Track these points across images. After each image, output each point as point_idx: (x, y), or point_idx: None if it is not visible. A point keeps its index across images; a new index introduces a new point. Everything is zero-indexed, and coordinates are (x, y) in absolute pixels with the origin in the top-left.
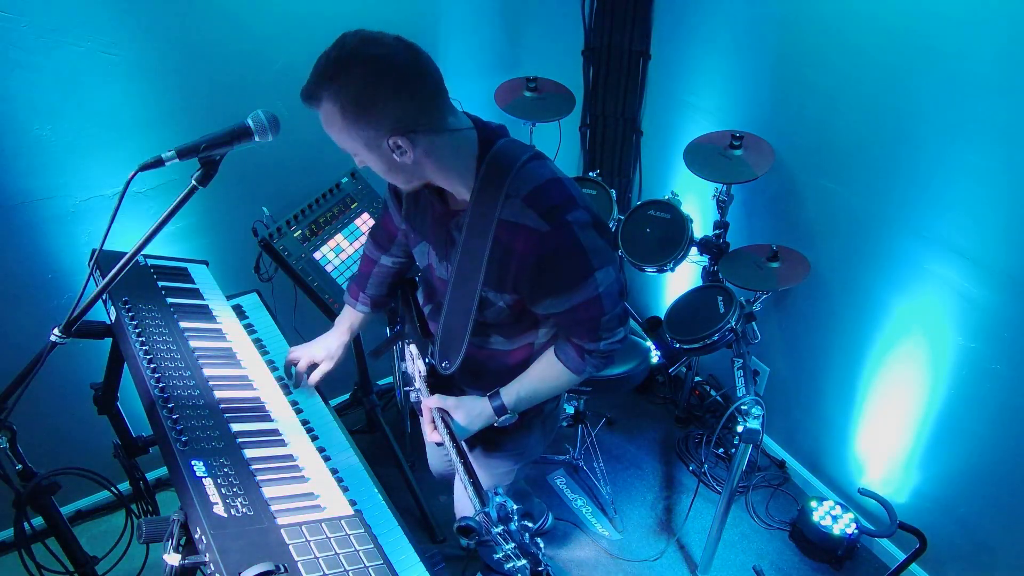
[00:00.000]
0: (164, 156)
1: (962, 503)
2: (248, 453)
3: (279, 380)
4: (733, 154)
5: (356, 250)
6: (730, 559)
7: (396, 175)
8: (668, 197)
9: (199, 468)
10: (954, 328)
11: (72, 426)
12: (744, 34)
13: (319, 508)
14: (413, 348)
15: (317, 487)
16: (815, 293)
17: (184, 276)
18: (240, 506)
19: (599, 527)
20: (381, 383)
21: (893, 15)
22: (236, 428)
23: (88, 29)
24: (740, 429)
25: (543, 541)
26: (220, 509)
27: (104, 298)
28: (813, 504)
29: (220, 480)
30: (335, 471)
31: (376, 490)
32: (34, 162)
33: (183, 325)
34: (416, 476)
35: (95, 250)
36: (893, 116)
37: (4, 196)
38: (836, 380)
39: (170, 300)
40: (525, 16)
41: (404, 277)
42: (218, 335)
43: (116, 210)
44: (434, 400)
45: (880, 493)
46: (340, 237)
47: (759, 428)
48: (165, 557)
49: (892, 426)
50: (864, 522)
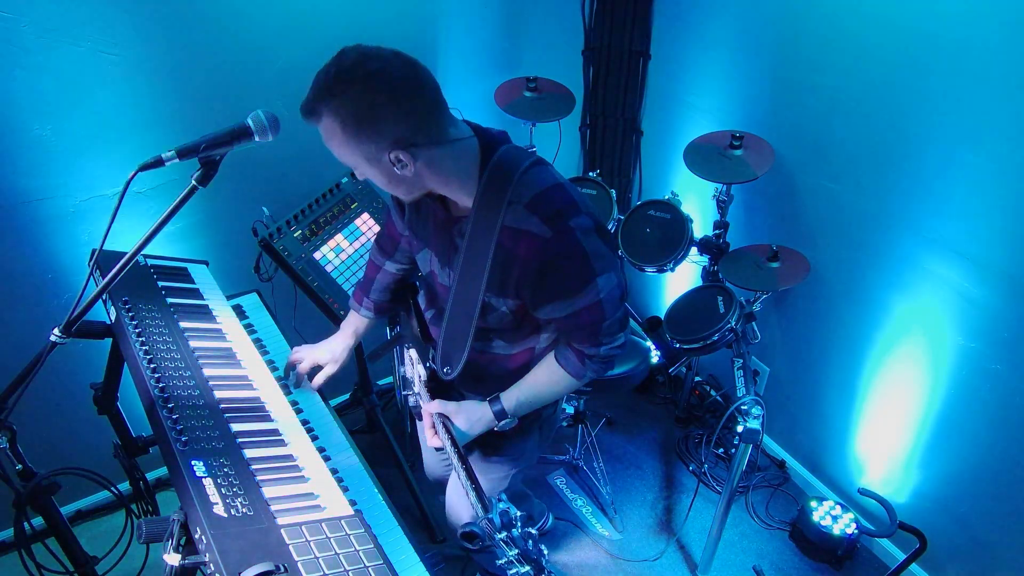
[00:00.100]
0: (164, 156)
1: (962, 503)
2: (248, 453)
3: (279, 380)
4: (733, 154)
5: (356, 250)
6: (730, 559)
7: (397, 187)
8: (668, 197)
9: (199, 468)
10: (954, 328)
11: (72, 426)
12: (744, 34)
13: (319, 508)
14: (413, 352)
15: (317, 487)
16: (815, 293)
17: (184, 276)
18: (240, 506)
19: (599, 527)
20: (381, 383)
21: (893, 15)
22: (236, 428)
23: (88, 29)
24: (740, 429)
25: (546, 546)
26: (220, 509)
27: (104, 298)
28: (813, 504)
29: (220, 480)
30: (335, 471)
31: (376, 490)
32: (34, 162)
33: (183, 325)
34: (416, 476)
35: (95, 250)
36: (893, 116)
37: (4, 196)
38: (836, 380)
39: (170, 300)
40: (525, 16)
41: (408, 283)
42: (218, 335)
43: (116, 210)
44: (435, 405)
45: (880, 493)
46: (340, 237)
47: (759, 428)
48: (165, 557)
49: (892, 426)
50: (864, 522)
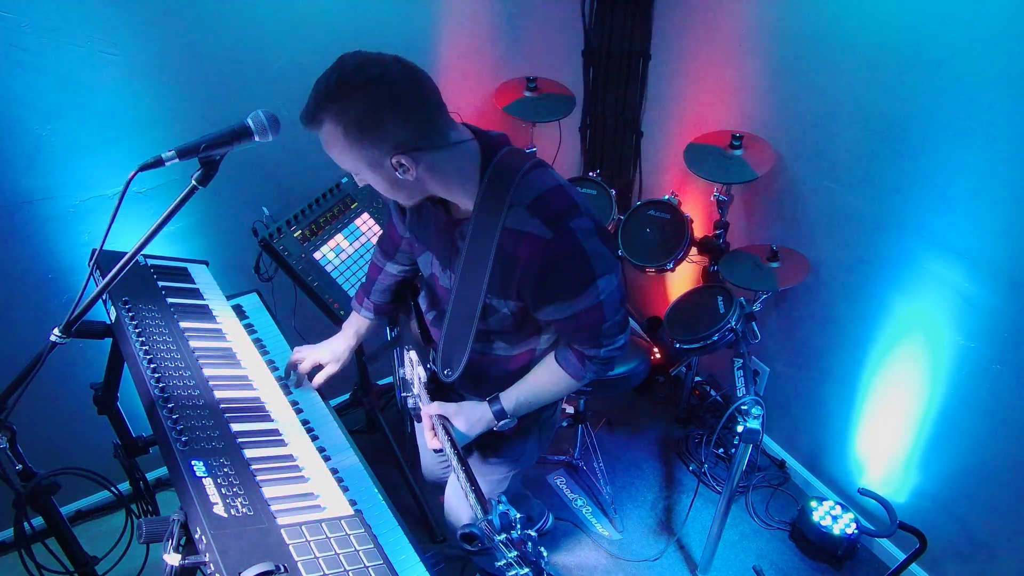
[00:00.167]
0: (164, 156)
1: (962, 503)
2: (248, 453)
3: (279, 380)
4: (733, 154)
5: (356, 250)
6: (730, 559)
7: (399, 192)
8: (668, 197)
9: (199, 468)
10: (954, 328)
11: (72, 426)
12: (744, 34)
13: (319, 508)
14: (412, 354)
15: (317, 487)
16: (815, 293)
17: (184, 276)
18: (240, 506)
19: (599, 527)
20: (381, 383)
21: (893, 15)
22: (236, 428)
23: (88, 29)
24: (740, 429)
25: (545, 548)
26: (220, 509)
27: (104, 298)
28: (813, 504)
29: (220, 480)
30: (335, 471)
31: (376, 490)
32: (34, 162)
33: (183, 325)
34: (416, 476)
35: (95, 250)
36: (893, 116)
37: (4, 196)
38: (836, 380)
39: (170, 300)
40: (525, 16)
41: (409, 285)
42: (218, 335)
43: (116, 210)
44: (434, 407)
45: (880, 493)
46: (340, 237)
47: (759, 428)
48: (165, 557)
49: (892, 426)
50: (864, 522)
